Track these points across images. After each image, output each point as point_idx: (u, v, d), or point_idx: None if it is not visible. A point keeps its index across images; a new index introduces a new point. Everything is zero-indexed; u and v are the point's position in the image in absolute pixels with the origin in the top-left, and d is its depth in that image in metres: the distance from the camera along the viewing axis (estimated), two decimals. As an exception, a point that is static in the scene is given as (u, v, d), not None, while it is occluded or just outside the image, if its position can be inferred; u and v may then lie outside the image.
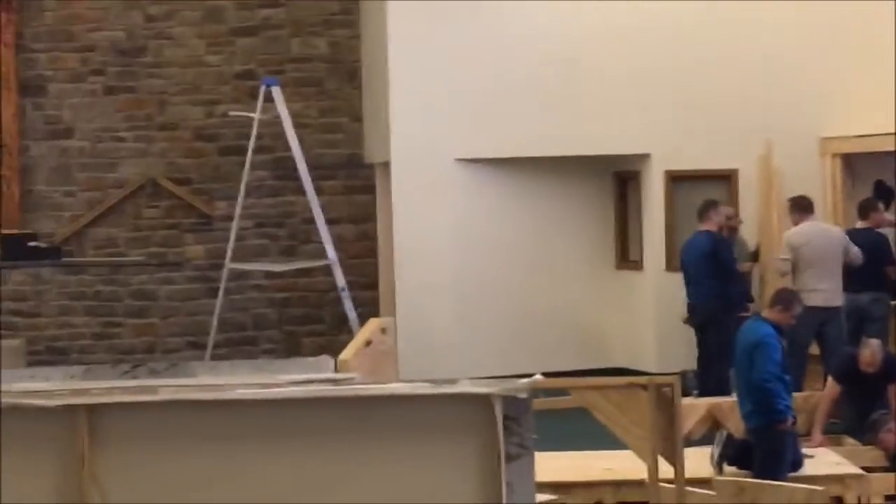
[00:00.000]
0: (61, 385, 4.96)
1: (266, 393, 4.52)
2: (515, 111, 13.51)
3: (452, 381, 4.71)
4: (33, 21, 15.19)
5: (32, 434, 4.55)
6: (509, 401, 4.57)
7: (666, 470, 6.19)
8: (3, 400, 4.52)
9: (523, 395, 4.56)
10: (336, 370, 5.50)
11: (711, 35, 13.48)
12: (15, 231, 14.99)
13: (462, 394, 4.61)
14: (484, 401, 4.58)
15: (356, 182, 15.38)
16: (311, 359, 5.52)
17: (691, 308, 12.58)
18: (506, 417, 4.57)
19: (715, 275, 12.28)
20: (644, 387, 5.12)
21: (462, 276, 13.71)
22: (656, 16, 13.47)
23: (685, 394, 8.91)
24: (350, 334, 13.37)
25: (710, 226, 12.45)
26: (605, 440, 8.06)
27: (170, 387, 4.67)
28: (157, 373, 5.31)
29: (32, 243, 14.93)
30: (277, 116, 13.91)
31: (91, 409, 4.48)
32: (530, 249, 13.89)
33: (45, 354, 14.97)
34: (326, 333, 15.18)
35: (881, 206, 12.69)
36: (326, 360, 5.51)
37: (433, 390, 4.62)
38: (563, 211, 14.01)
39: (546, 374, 8.32)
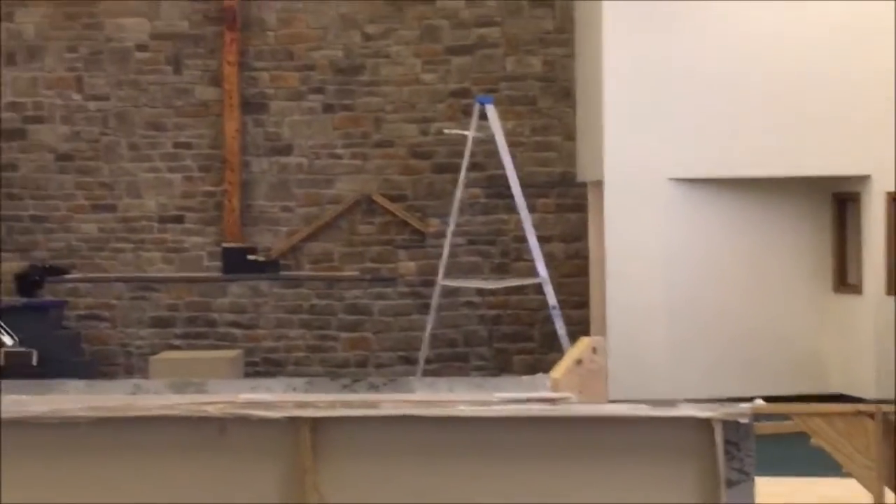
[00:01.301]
0: (284, 397, 5.05)
1: (488, 410, 4.52)
2: (731, 129, 13.33)
3: (671, 403, 4.64)
4: (256, 40, 15.61)
5: (256, 444, 4.64)
6: (730, 425, 4.48)
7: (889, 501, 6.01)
8: (229, 410, 4.63)
9: (745, 420, 4.47)
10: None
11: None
12: (235, 244, 15.42)
13: (682, 417, 4.54)
14: (704, 424, 4.50)
15: (568, 200, 15.35)
16: (526, 377, 5.52)
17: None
18: (726, 442, 4.48)
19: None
20: (871, 415, 4.98)
21: (674, 297, 13.56)
22: (877, 35, 13.13)
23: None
24: (560, 353, 13.34)
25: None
26: (821, 466, 7.87)
27: (391, 402, 4.71)
28: (377, 387, 5.37)
29: (251, 257, 15.37)
30: (491, 134, 13.98)
31: (314, 421, 4.56)
32: (745, 271, 13.67)
33: (262, 366, 15.33)
34: (536, 351, 15.18)
35: None
36: (542, 378, 5.50)
37: (652, 412, 4.55)
38: (780, 232, 13.76)
39: (762, 399, 8.17)
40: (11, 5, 15.83)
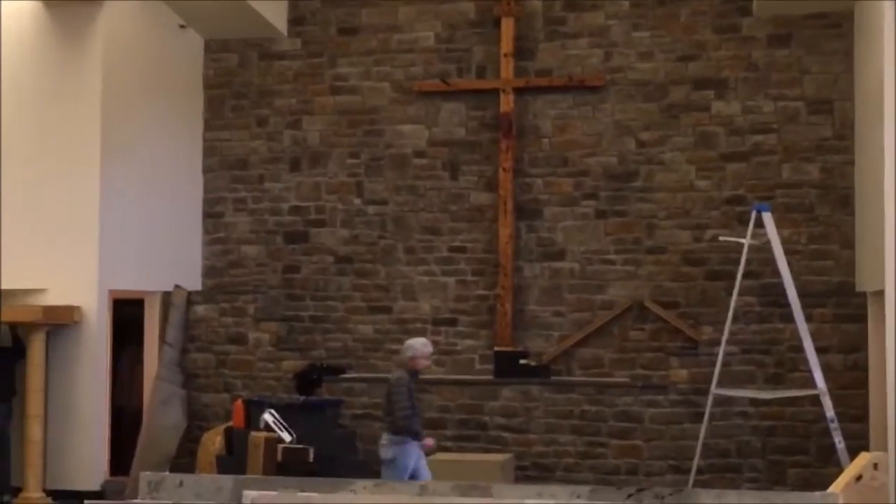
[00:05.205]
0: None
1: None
2: None
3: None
4: (531, 147, 15.85)
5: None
6: None
7: None
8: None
9: None
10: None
11: None
12: (507, 348, 15.55)
13: None
14: None
15: (846, 310, 14.95)
16: (818, 493, 5.40)
17: None
18: None
19: None
20: None
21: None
22: None
23: None
24: (838, 467, 12.96)
25: None
26: None
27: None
28: (662, 497, 5.33)
29: (523, 361, 15.46)
30: (766, 242, 13.79)
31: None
32: None
33: (531, 470, 15.34)
34: (812, 465, 14.74)
35: None
36: (835, 495, 5.37)
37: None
38: None
39: None
40: (298, 114, 16.52)
